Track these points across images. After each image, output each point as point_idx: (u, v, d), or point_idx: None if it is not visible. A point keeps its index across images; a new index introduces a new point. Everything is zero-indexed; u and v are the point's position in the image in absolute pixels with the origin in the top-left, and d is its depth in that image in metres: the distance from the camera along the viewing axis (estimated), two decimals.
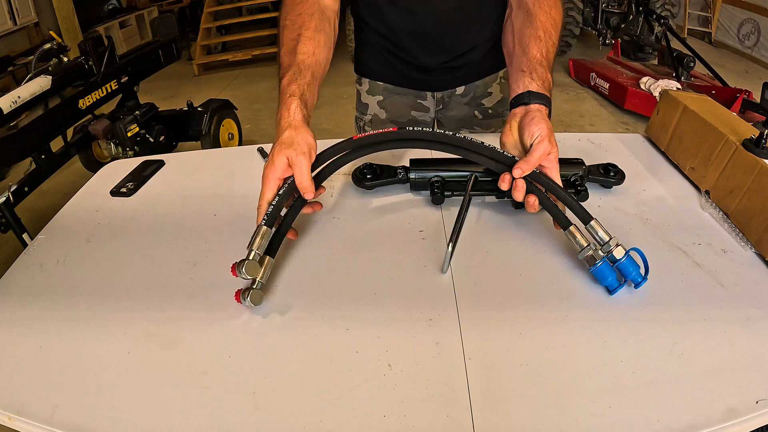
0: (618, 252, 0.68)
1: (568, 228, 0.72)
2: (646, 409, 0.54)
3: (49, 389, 0.60)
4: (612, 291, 0.68)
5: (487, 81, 1.21)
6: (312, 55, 0.84)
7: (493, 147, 0.76)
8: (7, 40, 4.77)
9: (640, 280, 0.68)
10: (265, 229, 0.70)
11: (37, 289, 0.76)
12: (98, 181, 1.05)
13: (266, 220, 0.70)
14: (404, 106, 1.25)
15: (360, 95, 1.29)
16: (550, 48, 0.84)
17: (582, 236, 0.71)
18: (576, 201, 0.72)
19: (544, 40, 0.84)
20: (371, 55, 1.21)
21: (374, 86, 1.25)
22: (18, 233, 2.10)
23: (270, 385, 0.59)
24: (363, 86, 1.27)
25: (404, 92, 1.23)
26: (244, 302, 0.67)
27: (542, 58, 0.83)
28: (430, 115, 1.27)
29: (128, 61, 2.91)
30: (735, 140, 0.83)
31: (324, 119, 4.09)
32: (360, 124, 1.31)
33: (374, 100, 1.25)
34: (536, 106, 0.78)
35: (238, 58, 5.57)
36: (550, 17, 0.87)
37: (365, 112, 1.28)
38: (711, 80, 3.60)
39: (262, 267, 0.69)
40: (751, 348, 0.60)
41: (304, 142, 0.74)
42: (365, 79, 1.26)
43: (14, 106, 2.21)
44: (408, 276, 0.74)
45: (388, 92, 1.24)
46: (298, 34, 0.85)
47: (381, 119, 1.26)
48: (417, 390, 0.57)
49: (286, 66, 0.82)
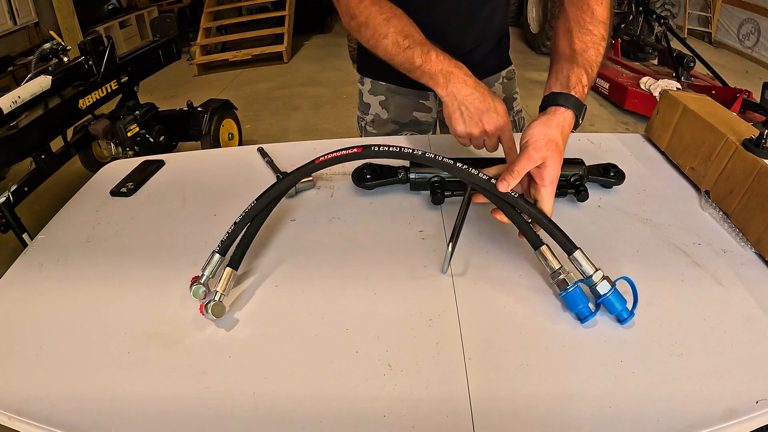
0: (602, 287, 0.64)
1: (539, 248, 0.69)
2: (646, 409, 0.54)
3: (49, 389, 0.60)
4: (583, 320, 0.64)
5: (489, 80, 1.21)
6: (410, 23, 0.85)
7: (459, 164, 0.70)
8: (7, 40, 4.77)
9: (627, 315, 0.63)
10: (218, 257, 0.71)
11: (37, 289, 0.76)
12: (98, 181, 1.05)
13: (219, 248, 0.71)
14: (406, 107, 1.24)
15: (362, 95, 1.28)
16: (585, 39, 0.78)
17: (554, 257, 0.68)
18: (559, 230, 0.68)
19: (575, 32, 0.79)
20: (374, 55, 1.21)
21: (376, 86, 1.24)
22: (18, 233, 2.10)
23: (270, 385, 0.59)
24: (365, 86, 1.26)
25: (406, 92, 1.22)
26: (206, 315, 0.67)
27: (571, 51, 0.78)
28: (432, 115, 1.27)
29: (128, 61, 2.91)
30: (735, 140, 0.83)
31: (324, 119, 4.10)
32: (362, 124, 1.31)
33: (376, 100, 1.25)
34: (552, 108, 0.74)
35: (238, 58, 5.57)
36: (582, 5, 0.80)
37: (367, 112, 1.28)
38: (711, 80, 3.60)
39: (226, 304, 0.69)
40: (751, 348, 0.60)
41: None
42: (367, 79, 1.25)
43: (14, 106, 2.21)
44: (408, 276, 0.74)
45: (390, 92, 1.23)
46: (387, 18, 0.84)
47: (383, 119, 1.26)
48: (417, 390, 0.57)
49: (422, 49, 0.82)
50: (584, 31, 0.79)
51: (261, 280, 0.75)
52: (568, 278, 0.66)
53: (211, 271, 0.71)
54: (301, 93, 4.68)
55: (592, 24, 0.79)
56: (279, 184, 0.74)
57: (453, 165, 0.70)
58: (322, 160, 0.70)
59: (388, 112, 1.25)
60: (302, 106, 4.38)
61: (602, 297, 0.64)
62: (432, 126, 1.30)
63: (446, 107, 0.83)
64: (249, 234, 0.74)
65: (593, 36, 0.79)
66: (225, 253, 0.72)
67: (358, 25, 0.88)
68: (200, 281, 0.69)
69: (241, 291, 0.73)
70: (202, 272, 0.70)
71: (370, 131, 1.29)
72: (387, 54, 0.86)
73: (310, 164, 0.71)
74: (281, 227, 0.82)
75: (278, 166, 1.02)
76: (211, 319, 0.67)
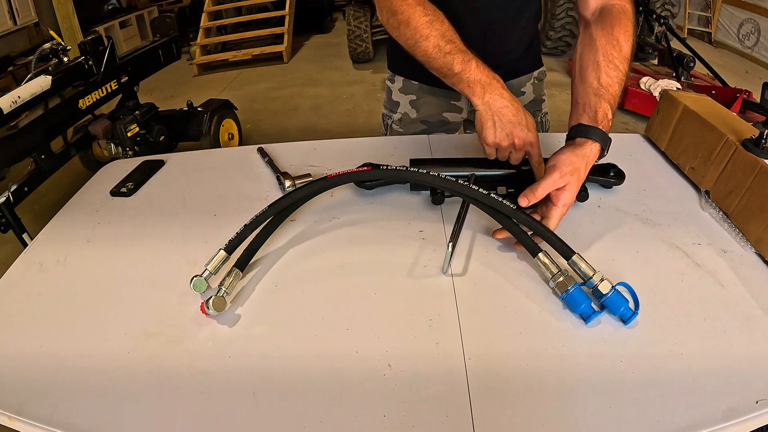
0: (603, 287, 0.65)
1: (537, 255, 0.70)
2: (646, 409, 0.54)
3: (49, 389, 0.60)
4: (587, 319, 0.64)
5: (522, 80, 1.21)
6: (452, 29, 0.86)
7: (460, 181, 0.75)
8: (7, 40, 4.77)
9: (630, 314, 0.64)
10: (223, 254, 0.73)
11: (37, 289, 0.76)
12: (98, 181, 1.05)
13: (227, 246, 0.73)
14: (437, 107, 1.23)
15: (391, 93, 1.26)
16: (611, 74, 0.81)
17: (552, 262, 0.69)
18: (556, 237, 0.70)
19: (603, 66, 0.81)
20: (409, 53, 1.20)
21: (408, 85, 1.22)
22: (18, 233, 2.10)
23: (270, 385, 0.59)
24: (395, 84, 1.24)
25: (438, 92, 1.21)
26: (207, 310, 0.67)
27: (599, 86, 0.80)
28: (462, 116, 1.26)
29: (128, 61, 2.91)
30: (735, 140, 0.83)
31: (324, 119, 4.10)
32: (388, 122, 1.29)
33: (406, 99, 1.24)
34: (580, 140, 0.78)
35: (238, 58, 5.56)
36: (611, 40, 0.83)
37: (395, 111, 1.26)
38: (711, 80, 3.60)
39: (227, 301, 0.70)
40: (751, 348, 0.60)
41: None
42: (399, 77, 1.23)
43: (14, 106, 2.20)
44: (408, 276, 0.74)
45: (422, 92, 1.22)
46: (430, 21, 0.85)
47: (411, 118, 1.25)
48: (417, 390, 0.57)
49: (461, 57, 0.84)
50: (612, 66, 0.82)
51: (261, 280, 0.75)
52: (567, 280, 0.66)
53: (215, 268, 0.71)
54: (301, 93, 4.68)
55: (620, 60, 0.82)
56: (296, 192, 0.77)
57: (455, 183, 0.74)
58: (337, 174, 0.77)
59: (418, 112, 1.24)
60: (302, 106, 4.38)
61: (604, 297, 0.64)
62: (459, 126, 1.29)
63: (479, 116, 0.83)
64: (259, 239, 0.76)
65: (619, 72, 0.82)
66: (231, 251, 0.73)
67: (398, 22, 0.87)
68: (202, 276, 0.69)
69: (241, 291, 0.73)
70: (205, 267, 0.71)
71: (396, 130, 1.27)
72: (426, 56, 0.86)
73: (324, 179, 0.77)
74: (281, 227, 0.82)
75: (278, 166, 1.02)
76: (212, 314, 0.67)
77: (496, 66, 1.20)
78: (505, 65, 1.15)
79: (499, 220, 0.75)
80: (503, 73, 1.20)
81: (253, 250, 0.75)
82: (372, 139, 1.20)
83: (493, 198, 0.73)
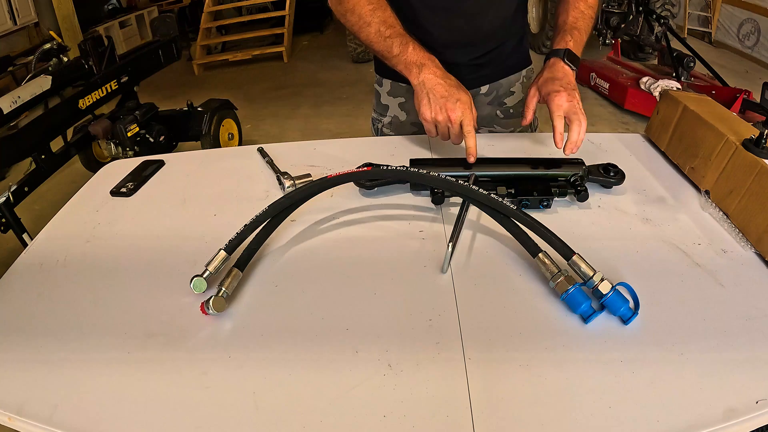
0: (603, 287, 0.64)
1: (537, 255, 0.70)
2: (646, 409, 0.54)
3: (49, 389, 0.60)
4: (587, 320, 0.64)
5: (511, 80, 1.21)
6: (393, 15, 0.96)
7: (461, 181, 0.75)
8: (7, 40, 4.77)
9: (630, 314, 0.63)
10: (224, 254, 0.73)
11: (37, 289, 0.76)
12: (98, 181, 1.05)
13: (227, 247, 0.73)
14: None
15: (380, 96, 1.25)
16: (576, 15, 1.01)
17: (552, 263, 0.68)
18: (556, 237, 0.69)
19: (571, 9, 1.02)
20: None
21: (396, 88, 1.22)
22: (18, 233, 2.11)
23: (270, 385, 0.59)
24: (384, 87, 1.23)
25: None
26: (208, 310, 0.67)
27: (564, 22, 1.00)
28: None
29: (128, 61, 2.91)
30: (735, 140, 0.83)
31: (324, 119, 4.10)
32: (378, 126, 1.28)
33: (395, 102, 1.23)
34: (551, 61, 0.95)
35: (238, 58, 5.57)
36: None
37: (384, 114, 1.25)
38: (711, 80, 3.60)
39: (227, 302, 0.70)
40: (751, 348, 0.60)
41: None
42: (387, 80, 1.23)
43: (14, 106, 2.21)
44: (408, 276, 0.74)
45: (410, 94, 1.21)
46: (372, 9, 0.95)
47: (401, 121, 1.24)
48: (417, 390, 0.57)
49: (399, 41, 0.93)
50: (577, 11, 1.02)
51: (261, 280, 0.75)
52: (567, 280, 0.66)
53: (215, 268, 0.71)
54: (301, 93, 4.68)
55: (585, 6, 1.03)
56: (296, 192, 0.77)
57: (455, 183, 0.75)
58: (336, 175, 0.78)
59: (408, 115, 1.23)
60: (302, 106, 4.38)
61: (604, 297, 0.64)
62: None
63: (416, 94, 0.92)
64: (259, 239, 0.75)
65: (584, 14, 1.03)
66: (231, 251, 0.73)
67: (345, 10, 0.97)
68: (202, 276, 0.69)
69: (241, 290, 0.73)
70: (205, 268, 0.71)
71: (387, 133, 1.26)
72: (369, 40, 0.96)
73: (324, 179, 0.78)
74: (281, 227, 0.82)
75: (278, 166, 1.02)
76: (212, 314, 0.67)
77: (484, 64, 1.23)
78: (494, 63, 1.17)
79: (499, 220, 0.74)
80: (491, 73, 1.21)
81: (253, 250, 0.75)
82: (372, 139, 1.20)
83: (493, 198, 0.73)
